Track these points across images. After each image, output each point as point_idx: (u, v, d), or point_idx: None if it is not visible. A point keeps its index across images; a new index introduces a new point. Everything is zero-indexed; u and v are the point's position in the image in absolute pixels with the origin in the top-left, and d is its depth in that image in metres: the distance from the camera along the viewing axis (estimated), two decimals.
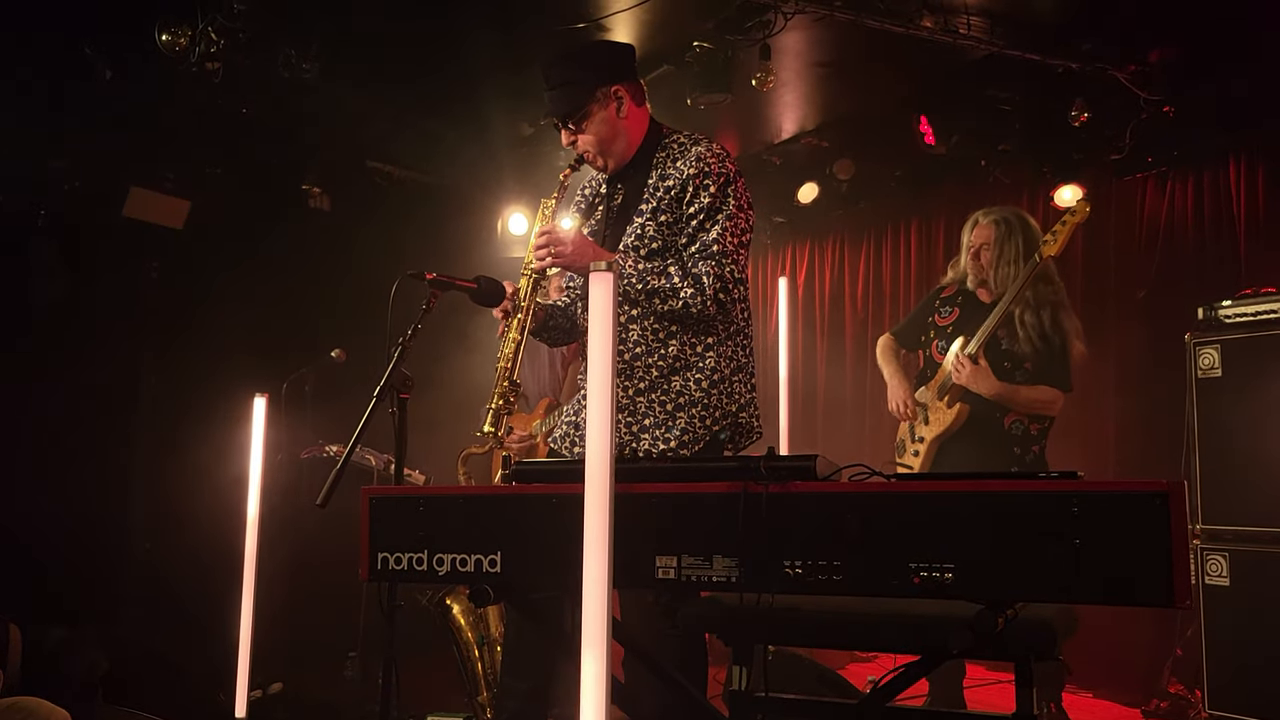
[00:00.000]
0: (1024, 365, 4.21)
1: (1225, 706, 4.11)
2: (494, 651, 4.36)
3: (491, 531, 2.21)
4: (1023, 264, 4.25)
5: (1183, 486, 1.74)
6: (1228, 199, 5.39)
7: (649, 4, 4.69)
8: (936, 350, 4.43)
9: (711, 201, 2.93)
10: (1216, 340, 4.31)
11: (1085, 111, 5.37)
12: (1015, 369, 4.21)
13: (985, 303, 4.35)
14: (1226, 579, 4.17)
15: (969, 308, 4.39)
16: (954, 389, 4.27)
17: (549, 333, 3.24)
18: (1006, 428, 4.22)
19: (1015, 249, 4.28)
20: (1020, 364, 4.21)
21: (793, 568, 1.97)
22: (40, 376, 5.38)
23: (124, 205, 5.61)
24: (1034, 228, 4.37)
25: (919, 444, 4.42)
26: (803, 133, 6.46)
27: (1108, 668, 5.19)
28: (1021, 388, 4.19)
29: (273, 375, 4.95)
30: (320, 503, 2.71)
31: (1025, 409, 4.20)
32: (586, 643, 1.83)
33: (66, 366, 5.44)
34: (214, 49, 4.57)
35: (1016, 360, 4.21)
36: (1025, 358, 4.19)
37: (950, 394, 4.29)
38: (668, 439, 2.92)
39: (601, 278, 1.91)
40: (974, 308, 4.37)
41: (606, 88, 3.01)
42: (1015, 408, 4.20)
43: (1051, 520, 1.78)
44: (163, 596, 5.42)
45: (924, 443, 4.40)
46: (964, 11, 4.86)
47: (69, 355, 5.45)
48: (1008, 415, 4.22)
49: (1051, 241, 4.24)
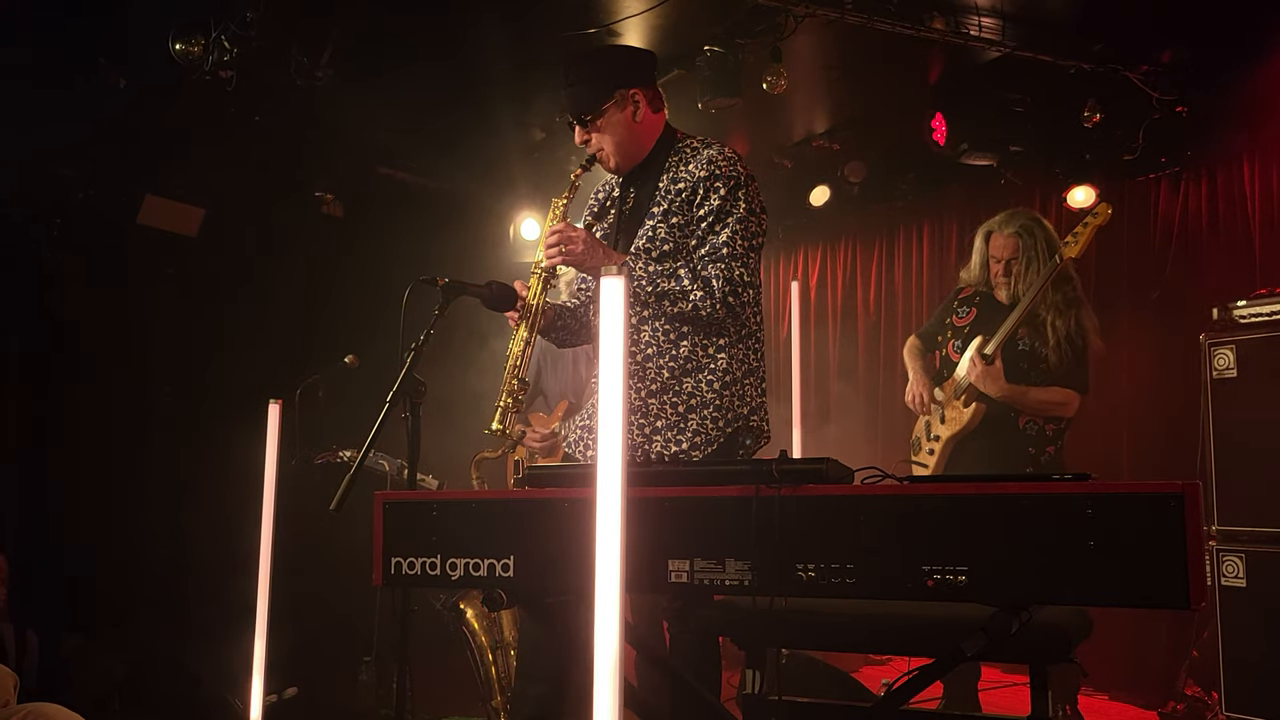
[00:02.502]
0: (1041, 365, 4.22)
1: (1242, 709, 4.08)
2: (508, 655, 4.37)
3: (504, 536, 2.22)
4: (1047, 261, 4.28)
5: (1198, 487, 1.73)
6: (1242, 199, 5.37)
7: (660, 8, 4.69)
8: (953, 350, 4.46)
9: (722, 204, 2.93)
10: (1231, 341, 4.29)
11: (1098, 112, 5.36)
12: (1032, 369, 4.22)
13: (1003, 303, 4.37)
14: (1243, 580, 4.15)
15: (986, 309, 4.42)
16: (970, 389, 4.28)
17: (557, 333, 3.24)
18: (1021, 428, 4.23)
19: (1040, 255, 4.31)
20: (1038, 364, 4.22)
21: (806, 571, 1.96)
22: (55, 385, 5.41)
23: (138, 213, 5.64)
24: (1049, 226, 4.42)
25: (934, 443, 4.44)
26: (813, 135, 6.45)
27: (1123, 670, 5.17)
28: (1031, 389, 4.20)
29: (286, 381, 4.95)
30: (334, 508, 2.72)
31: (1035, 411, 4.21)
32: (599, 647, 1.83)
33: (81, 374, 5.46)
34: (227, 57, 4.59)
35: (1035, 361, 4.23)
36: (1045, 358, 4.21)
37: (966, 394, 4.30)
38: (679, 440, 2.92)
39: (613, 281, 1.91)
40: (991, 309, 4.40)
41: (624, 90, 3.03)
42: (1024, 409, 4.20)
43: (1065, 522, 1.78)
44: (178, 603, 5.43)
45: (939, 442, 4.41)
46: (975, 13, 4.85)
47: (84, 363, 5.48)
48: (1021, 416, 4.23)
49: (1073, 243, 4.27)
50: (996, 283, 4.41)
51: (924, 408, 4.50)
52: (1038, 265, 4.29)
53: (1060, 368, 4.21)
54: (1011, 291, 4.35)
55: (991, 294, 4.43)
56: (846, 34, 4.92)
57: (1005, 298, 4.38)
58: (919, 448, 4.55)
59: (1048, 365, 4.21)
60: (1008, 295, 4.37)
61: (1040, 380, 4.21)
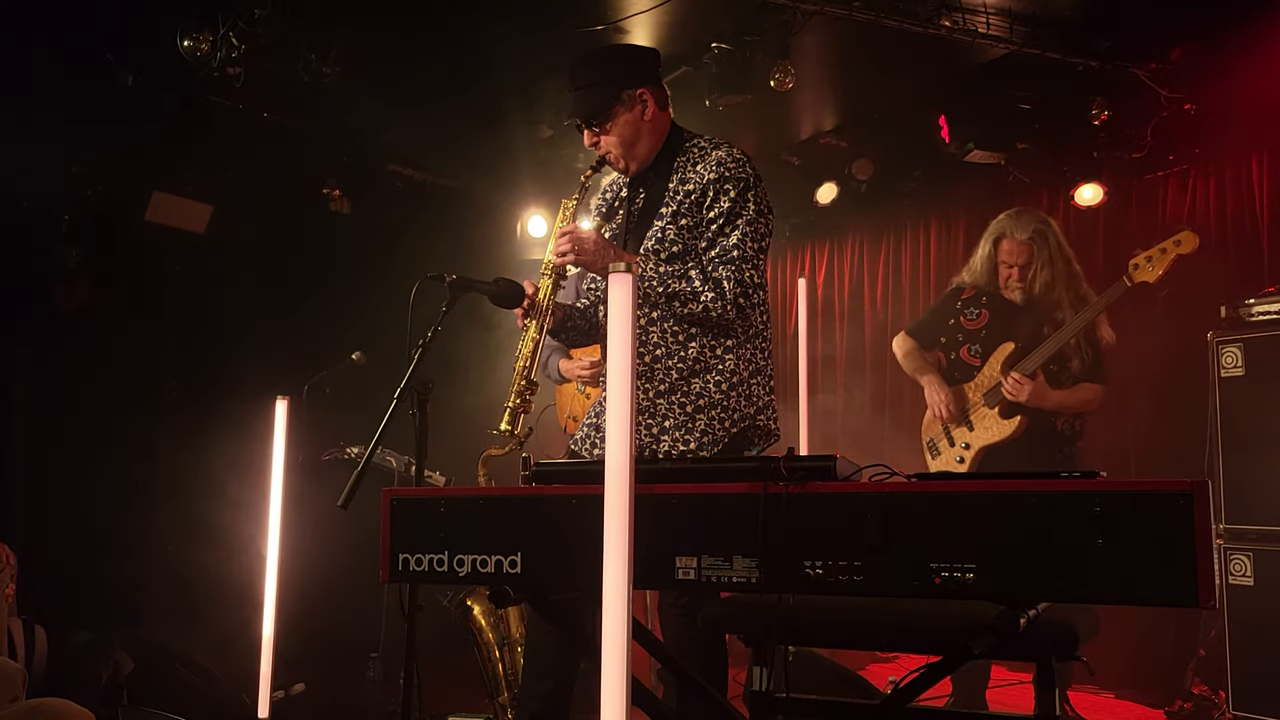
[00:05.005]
0: (1068, 365, 4.29)
1: (1250, 707, 4.08)
2: (515, 652, 4.37)
3: (512, 532, 2.22)
4: (1061, 264, 4.28)
5: (1207, 485, 1.72)
6: (1250, 197, 5.35)
7: (667, 5, 4.69)
8: (967, 354, 4.49)
9: (732, 206, 2.93)
10: (1239, 339, 4.29)
11: (1106, 110, 5.34)
12: (1060, 371, 4.30)
13: (1013, 302, 4.42)
14: (1251, 579, 4.14)
15: (998, 310, 4.44)
16: (1005, 400, 4.31)
17: (567, 333, 3.24)
18: (1059, 429, 4.35)
19: (1055, 258, 4.37)
20: (1065, 365, 4.29)
21: (813, 568, 1.96)
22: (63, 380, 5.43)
23: (146, 210, 5.65)
24: (1055, 226, 4.48)
25: (965, 451, 4.44)
26: (821, 133, 6.44)
27: (1131, 668, 5.16)
28: (1072, 390, 4.33)
29: (294, 378, 4.98)
30: (342, 504, 2.73)
31: (1079, 409, 4.34)
32: (607, 644, 1.83)
33: (89, 371, 5.48)
34: (235, 54, 4.59)
35: (1062, 362, 4.29)
36: (1069, 358, 4.27)
37: (1002, 404, 4.33)
38: (688, 440, 2.92)
39: (621, 279, 1.91)
40: (1003, 310, 4.44)
41: (632, 90, 3.03)
42: (1062, 411, 4.32)
43: (1074, 520, 1.77)
44: (186, 598, 5.45)
45: (970, 450, 4.42)
46: (983, 10, 4.84)
47: (92, 359, 5.50)
48: (1059, 418, 4.31)
49: (1146, 267, 4.28)
50: (1009, 286, 4.43)
51: (953, 418, 4.50)
52: (1059, 266, 4.34)
53: (1083, 365, 4.31)
54: (1026, 294, 4.37)
55: (999, 295, 4.45)
56: (854, 31, 4.91)
57: (1019, 299, 4.40)
58: (936, 450, 4.56)
59: (1073, 365, 4.27)
60: (1022, 297, 4.39)
61: (1070, 380, 4.30)
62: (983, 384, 4.43)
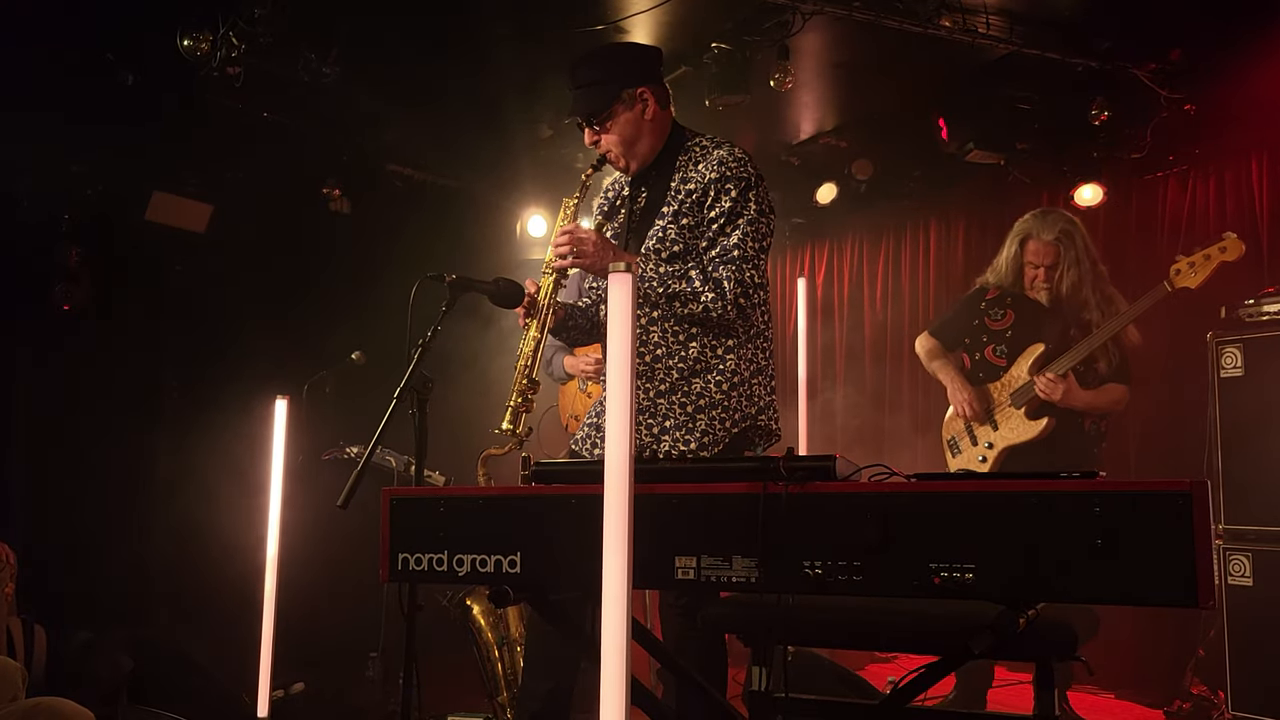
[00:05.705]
0: (1095, 366, 4.31)
1: (1248, 707, 4.08)
2: (514, 652, 4.38)
3: (511, 532, 2.22)
4: (1088, 264, 4.31)
5: (1206, 486, 1.72)
6: (1250, 197, 5.35)
7: (667, 5, 4.68)
8: (992, 354, 4.50)
9: (733, 206, 2.93)
10: (1239, 339, 4.29)
11: (1106, 110, 5.34)
12: (1088, 372, 4.32)
13: (1039, 303, 4.45)
14: (1250, 579, 4.15)
15: (1024, 311, 4.46)
16: (1033, 399, 4.33)
17: (568, 332, 3.24)
18: (1086, 430, 4.37)
19: (1082, 258, 4.39)
20: (1092, 365, 4.32)
21: (812, 568, 1.96)
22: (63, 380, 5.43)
23: (146, 209, 5.65)
24: (1081, 226, 4.49)
25: (988, 450, 4.44)
26: (821, 133, 6.44)
27: (1130, 668, 5.16)
28: (1102, 390, 4.35)
29: (294, 377, 4.98)
30: (341, 504, 2.73)
31: (1107, 409, 4.38)
32: (607, 643, 1.83)
33: (89, 370, 5.48)
34: (235, 54, 4.59)
35: (1090, 363, 4.32)
36: (1096, 359, 4.29)
37: (1029, 404, 4.33)
38: (688, 440, 2.92)
39: (620, 279, 1.91)
40: (1029, 311, 4.47)
41: (632, 89, 3.03)
42: (1097, 410, 4.35)
43: (1073, 520, 1.77)
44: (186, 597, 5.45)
45: (994, 450, 4.43)
46: (983, 11, 4.85)
47: (92, 359, 5.49)
48: (1087, 419, 4.31)
49: (1189, 273, 4.25)
50: (1035, 287, 4.44)
51: (977, 416, 4.49)
52: (1085, 266, 4.35)
53: (1110, 365, 4.33)
54: (1053, 295, 4.38)
55: (1025, 295, 4.47)
56: (854, 31, 4.92)
57: (1045, 300, 4.41)
58: (957, 449, 4.56)
59: (1100, 366, 4.31)
60: (1048, 298, 4.40)
61: (1095, 381, 4.32)
62: (1009, 384, 4.44)
